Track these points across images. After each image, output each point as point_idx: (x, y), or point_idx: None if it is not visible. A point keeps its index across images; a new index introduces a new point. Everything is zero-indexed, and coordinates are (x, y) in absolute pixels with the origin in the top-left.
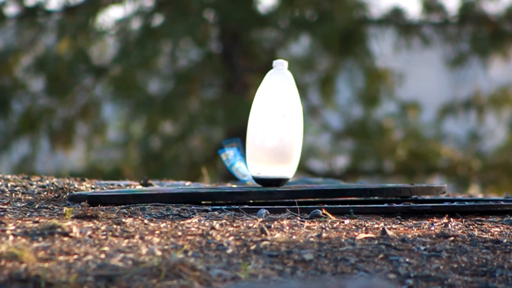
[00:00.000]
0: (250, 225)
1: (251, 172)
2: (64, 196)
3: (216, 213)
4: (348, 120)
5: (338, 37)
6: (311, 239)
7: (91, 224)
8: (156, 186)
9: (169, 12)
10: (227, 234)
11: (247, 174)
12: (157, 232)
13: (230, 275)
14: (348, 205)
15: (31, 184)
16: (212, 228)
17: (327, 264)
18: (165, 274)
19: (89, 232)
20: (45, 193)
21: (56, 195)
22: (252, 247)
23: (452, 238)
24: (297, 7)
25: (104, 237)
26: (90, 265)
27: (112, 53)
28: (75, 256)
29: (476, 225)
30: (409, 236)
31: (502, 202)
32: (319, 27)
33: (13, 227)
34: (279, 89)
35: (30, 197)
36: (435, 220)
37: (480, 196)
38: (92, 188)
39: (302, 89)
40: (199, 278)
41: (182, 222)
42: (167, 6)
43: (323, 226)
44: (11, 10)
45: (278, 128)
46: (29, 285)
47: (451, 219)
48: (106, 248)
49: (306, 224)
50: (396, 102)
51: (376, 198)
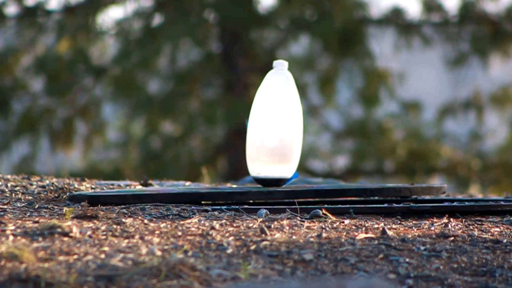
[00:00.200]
0: (250, 225)
1: (251, 172)
2: (64, 196)
3: (216, 213)
4: (348, 120)
5: (338, 37)
6: (311, 239)
7: (91, 224)
8: (156, 186)
9: (169, 12)
10: (227, 234)
11: None
12: (157, 232)
13: (230, 275)
14: (348, 205)
15: (31, 184)
16: (212, 228)
17: (327, 264)
18: (165, 274)
19: (89, 232)
20: (45, 193)
21: (56, 195)
22: (252, 247)
23: (452, 238)
24: (297, 7)
25: (104, 237)
26: (90, 265)
27: (112, 53)
28: (75, 256)
29: (476, 225)
30: (409, 236)
31: (502, 202)
32: (319, 27)
33: (13, 227)
34: (279, 90)
35: (30, 197)
36: (435, 220)
37: (480, 196)
38: (92, 188)
39: (302, 89)
40: (199, 278)
41: (182, 222)
42: (167, 6)
43: (323, 226)
44: (11, 10)
45: (278, 129)
46: (29, 285)
47: (451, 219)
48: (106, 248)
49: (306, 224)
50: (396, 102)
51: (376, 198)
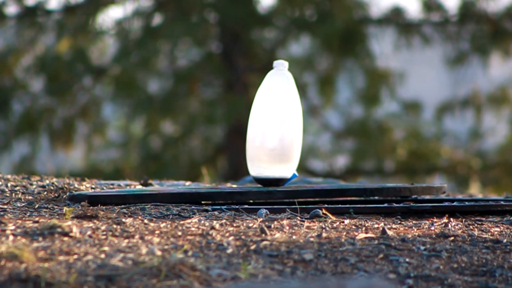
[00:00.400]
0: (250, 225)
1: (251, 172)
2: (64, 196)
3: (216, 213)
4: (348, 120)
5: (338, 37)
6: (311, 239)
7: (91, 224)
8: (156, 186)
9: (169, 12)
10: (227, 234)
11: None
12: (157, 232)
13: (230, 275)
14: (348, 205)
15: (31, 184)
16: (212, 228)
17: (327, 264)
18: (165, 274)
19: (89, 232)
20: (45, 193)
21: (56, 195)
22: (252, 247)
23: (452, 238)
24: (297, 7)
25: (104, 237)
26: (90, 265)
27: (112, 53)
28: (75, 256)
29: (476, 225)
30: (409, 236)
31: (502, 202)
32: (319, 27)
33: (13, 227)
34: (279, 90)
35: (30, 197)
36: (435, 220)
37: (480, 196)
38: (92, 188)
39: (302, 89)
40: (199, 278)
41: (182, 222)
42: (167, 6)
43: (323, 226)
44: (11, 10)
45: (278, 129)
46: (29, 285)
47: (451, 219)
48: (106, 248)
49: (306, 224)
50: (397, 102)
51: (376, 198)
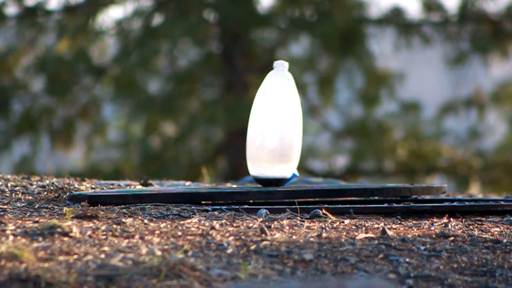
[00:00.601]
0: (250, 225)
1: (251, 172)
2: (64, 196)
3: (216, 213)
4: (348, 120)
5: (338, 37)
6: (311, 239)
7: (91, 224)
8: (156, 186)
9: (169, 12)
10: (227, 234)
11: None
12: (157, 232)
13: (230, 275)
14: (348, 205)
15: (31, 184)
16: (212, 228)
17: (327, 264)
18: (165, 274)
19: (89, 232)
20: (45, 193)
21: (56, 195)
22: (252, 247)
23: (452, 238)
24: (297, 7)
25: (104, 237)
26: (90, 265)
27: (112, 53)
28: (75, 256)
29: (476, 225)
30: (409, 236)
31: (502, 202)
32: (319, 27)
33: (13, 227)
34: (280, 90)
35: (30, 197)
36: (435, 220)
37: (480, 196)
38: (92, 188)
39: (302, 89)
40: (199, 278)
41: (182, 222)
42: (167, 6)
43: (323, 226)
44: (11, 10)
45: (278, 129)
46: (29, 285)
47: (451, 219)
48: (106, 248)
49: (306, 224)
50: (396, 102)
51: (376, 198)
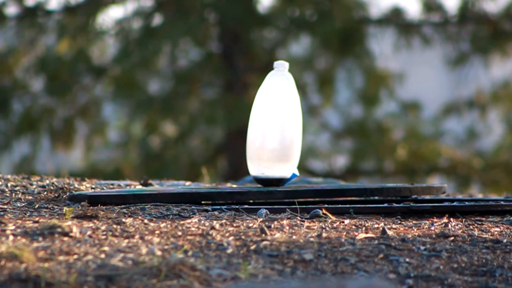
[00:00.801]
0: (250, 225)
1: (251, 172)
2: (64, 196)
3: (216, 213)
4: (348, 120)
5: (338, 37)
6: (311, 239)
7: (91, 224)
8: (156, 186)
9: (169, 12)
10: (227, 234)
11: None
12: (157, 232)
13: (230, 275)
14: (348, 205)
15: (31, 184)
16: (212, 228)
17: (327, 264)
18: (165, 274)
19: (89, 232)
20: (45, 193)
21: (56, 195)
22: (252, 247)
23: (452, 238)
24: (297, 7)
25: (104, 237)
26: (90, 265)
27: (112, 53)
28: (75, 256)
29: (476, 225)
30: (409, 236)
31: (502, 202)
32: (319, 27)
33: (13, 227)
34: (280, 91)
35: (30, 197)
36: (435, 220)
37: (480, 196)
38: (92, 188)
39: (302, 89)
40: (199, 278)
41: (182, 222)
42: (167, 6)
43: (323, 226)
44: (11, 10)
45: (278, 129)
46: (29, 285)
47: (451, 219)
48: (106, 248)
49: (306, 224)
50: (396, 102)
51: (376, 198)
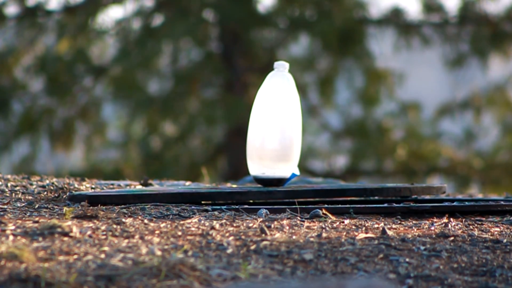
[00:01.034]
0: (250, 225)
1: (252, 172)
2: (64, 196)
3: (216, 213)
4: (348, 120)
5: (338, 37)
6: (311, 239)
7: (91, 224)
8: (156, 186)
9: (169, 12)
10: (227, 234)
11: None
12: (157, 232)
13: (230, 275)
14: (348, 205)
15: (31, 184)
16: (212, 228)
17: (327, 264)
18: (165, 274)
19: (89, 232)
20: (45, 193)
21: (56, 195)
22: (252, 247)
23: (452, 238)
24: (297, 7)
25: (104, 237)
26: (90, 265)
27: (112, 53)
28: (75, 256)
29: (476, 225)
30: (409, 236)
31: (502, 202)
32: (319, 27)
33: (13, 227)
34: (280, 91)
35: (30, 197)
36: (435, 220)
37: (480, 196)
38: (92, 188)
39: (302, 89)
40: (199, 278)
41: (182, 222)
42: (167, 6)
43: (323, 226)
44: (11, 10)
45: (278, 129)
46: (29, 285)
47: (451, 219)
48: (106, 248)
49: (306, 224)
50: (396, 102)
51: (376, 198)
